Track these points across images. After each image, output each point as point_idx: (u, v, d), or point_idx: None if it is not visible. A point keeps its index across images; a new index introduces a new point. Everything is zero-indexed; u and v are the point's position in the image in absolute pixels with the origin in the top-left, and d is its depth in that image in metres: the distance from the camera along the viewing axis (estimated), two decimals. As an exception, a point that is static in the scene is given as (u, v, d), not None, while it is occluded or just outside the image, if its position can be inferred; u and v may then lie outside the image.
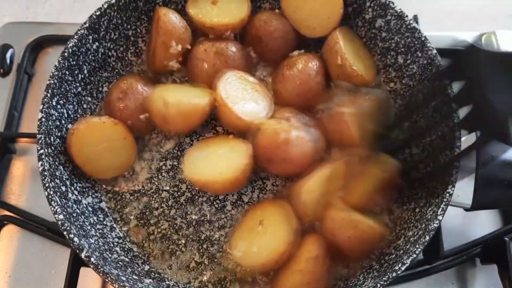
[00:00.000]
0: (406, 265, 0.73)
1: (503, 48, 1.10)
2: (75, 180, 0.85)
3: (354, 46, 0.93)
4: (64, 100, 0.86)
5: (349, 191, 0.82)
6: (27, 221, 0.95)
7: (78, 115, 0.89)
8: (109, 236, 0.85)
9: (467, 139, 0.82)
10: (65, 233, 0.74)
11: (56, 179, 0.80)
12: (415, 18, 1.11)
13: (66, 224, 0.74)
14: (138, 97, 0.89)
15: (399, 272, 0.72)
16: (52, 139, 0.82)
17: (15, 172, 1.00)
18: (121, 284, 0.72)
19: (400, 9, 0.90)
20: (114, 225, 0.87)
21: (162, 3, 0.97)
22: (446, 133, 0.82)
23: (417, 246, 0.74)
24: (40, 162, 0.78)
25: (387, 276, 0.72)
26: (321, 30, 0.94)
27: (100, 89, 0.94)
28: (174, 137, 0.94)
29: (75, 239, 0.74)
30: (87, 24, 0.88)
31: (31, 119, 1.05)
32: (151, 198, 0.90)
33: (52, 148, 0.82)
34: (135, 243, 0.87)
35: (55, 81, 0.83)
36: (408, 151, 0.91)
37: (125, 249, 0.85)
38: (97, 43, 0.91)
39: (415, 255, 0.73)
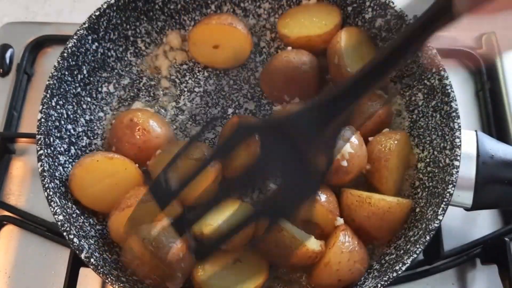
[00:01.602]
0: (407, 265, 0.73)
1: (503, 48, 1.10)
2: (74, 181, 0.84)
3: (361, 49, 0.92)
4: (64, 101, 0.86)
5: None
6: (27, 222, 0.94)
7: (78, 116, 0.89)
8: (109, 236, 0.84)
9: (467, 138, 0.82)
10: (65, 233, 0.74)
11: (55, 180, 0.79)
12: (415, 18, 1.11)
13: (66, 225, 0.74)
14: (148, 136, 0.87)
15: (399, 272, 0.72)
16: (51, 140, 0.82)
17: (14, 172, 1.00)
18: (121, 284, 0.72)
19: (400, 8, 0.90)
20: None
21: (161, 3, 0.97)
22: (446, 133, 0.82)
23: (417, 246, 0.74)
24: (39, 163, 0.78)
25: (387, 276, 0.72)
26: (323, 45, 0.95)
27: (100, 89, 0.94)
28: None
29: (75, 239, 0.74)
30: (87, 24, 0.88)
31: (31, 119, 1.04)
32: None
33: (52, 148, 0.81)
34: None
35: (55, 81, 0.83)
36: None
37: (125, 249, 0.85)
38: (96, 43, 0.91)
39: (415, 255, 0.73)
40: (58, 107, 0.84)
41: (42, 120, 0.81)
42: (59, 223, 0.74)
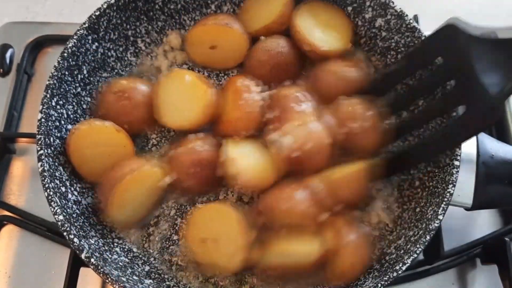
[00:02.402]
0: (407, 265, 0.73)
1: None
2: (75, 181, 0.84)
3: (321, 18, 0.93)
4: (64, 101, 0.86)
5: None
6: (27, 221, 0.95)
7: (78, 116, 0.89)
8: (109, 236, 0.84)
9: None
10: (65, 233, 0.74)
11: (56, 180, 0.80)
12: (415, 17, 1.11)
13: (66, 225, 0.74)
14: (136, 96, 0.89)
15: (399, 272, 0.72)
16: (51, 140, 0.82)
17: (15, 172, 1.00)
18: (121, 284, 0.72)
19: (400, 8, 0.90)
20: (114, 226, 0.87)
21: (161, 3, 0.97)
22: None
23: (417, 245, 0.74)
24: (40, 163, 0.78)
25: (387, 276, 0.72)
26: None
27: (100, 89, 0.94)
28: (173, 138, 0.94)
29: (75, 239, 0.74)
30: (87, 24, 0.88)
31: (31, 119, 1.05)
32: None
33: (52, 148, 0.81)
34: (135, 243, 0.87)
35: (55, 81, 0.83)
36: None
37: (125, 249, 0.85)
38: (96, 43, 0.91)
39: (416, 255, 0.73)
40: (58, 107, 0.84)
41: (42, 120, 0.81)
42: (59, 223, 0.74)
